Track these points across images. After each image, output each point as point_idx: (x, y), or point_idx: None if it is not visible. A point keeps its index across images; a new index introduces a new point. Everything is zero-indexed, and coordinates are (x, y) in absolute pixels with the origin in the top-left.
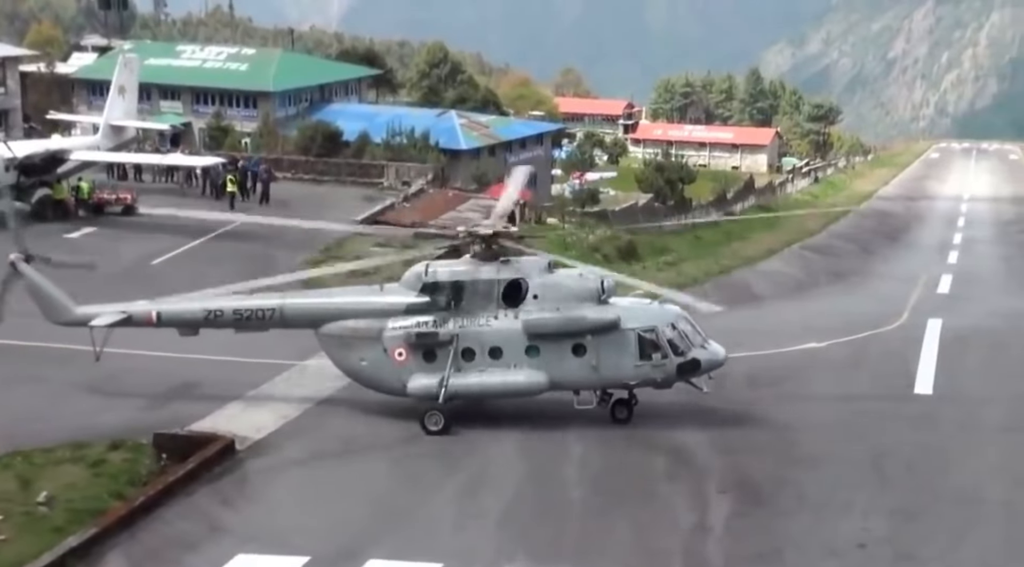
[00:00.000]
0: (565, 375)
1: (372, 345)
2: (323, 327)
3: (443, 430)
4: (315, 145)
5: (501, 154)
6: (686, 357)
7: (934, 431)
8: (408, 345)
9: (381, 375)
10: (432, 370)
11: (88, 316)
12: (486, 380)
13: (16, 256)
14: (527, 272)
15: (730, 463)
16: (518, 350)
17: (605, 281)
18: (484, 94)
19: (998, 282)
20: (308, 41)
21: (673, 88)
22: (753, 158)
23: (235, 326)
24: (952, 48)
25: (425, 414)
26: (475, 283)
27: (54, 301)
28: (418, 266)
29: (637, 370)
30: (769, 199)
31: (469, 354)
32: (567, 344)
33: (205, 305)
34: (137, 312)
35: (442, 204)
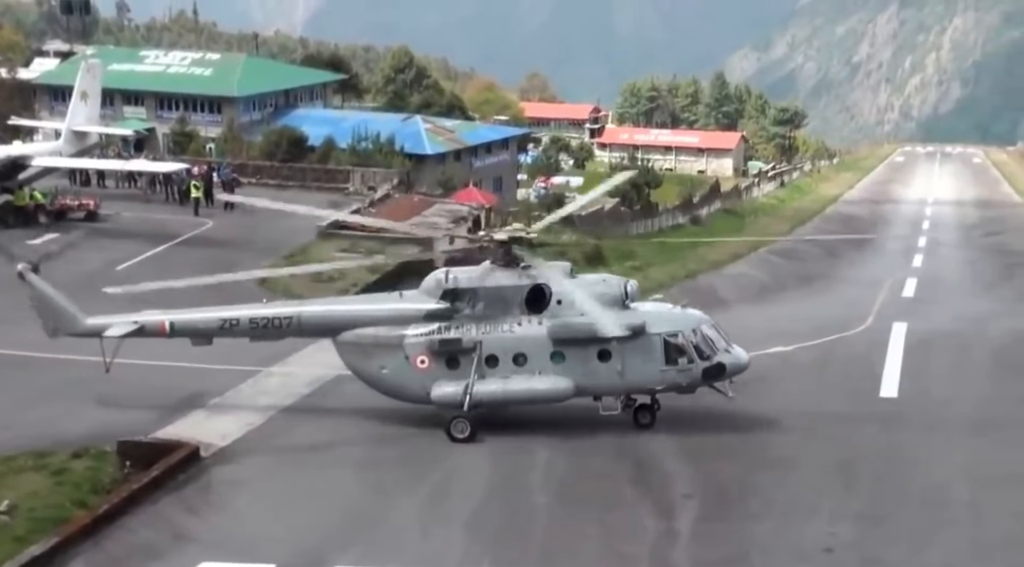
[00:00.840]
0: (591, 381)
1: (393, 352)
2: (341, 335)
3: (469, 438)
4: (280, 150)
5: (467, 159)
6: (711, 361)
7: (900, 434)
8: (431, 352)
9: (403, 383)
10: (455, 377)
11: (98, 327)
12: (511, 387)
13: (24, 266)
14: (550, 277)
15: (697, 467)
16: (543, 356)
17: (628, 285)
18: (449, 99)
19: (962, 285)
20: (273, 46)
21: (639, 92)
22: (719, 162)
23: (251, 335)
24: (916, 52)
25: (451, 422)
26: (498, 289)
27: (63, 312)
28: (438, 272)
29: (663, 375)
30: (735, 203)
31: (493, 361)
32: (593, 350)
33: (220, 314)
34: (149, 322)
35: (408, 209)
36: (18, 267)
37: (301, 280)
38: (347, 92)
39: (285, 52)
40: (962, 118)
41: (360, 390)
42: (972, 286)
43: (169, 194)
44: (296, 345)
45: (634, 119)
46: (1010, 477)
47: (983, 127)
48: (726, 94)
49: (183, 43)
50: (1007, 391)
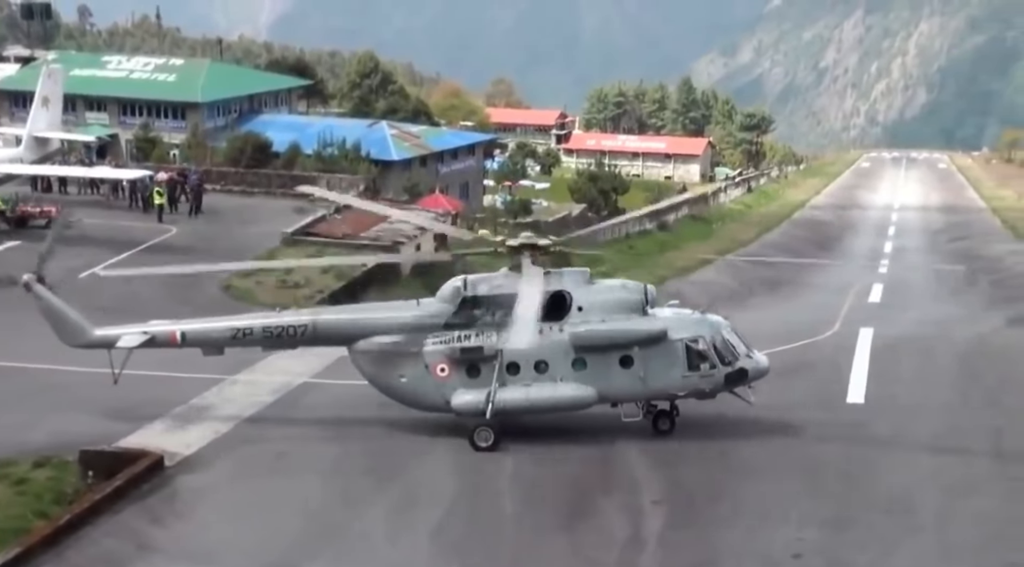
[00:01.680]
0: (613, 388)
1: (412, 361)
2: (357, 344)
3: (493, 446)
4: (245, 156)
5: (433, 165)
6: (733, 366)
7: (867, 440)
8: (451, 360)
9: (422, 391)
10: (476, 385)
11: (107, 338)
12: (534, 394)
13: (30, 276)
14: (570, 284)
15: (665, 474)
16: (564, 363)
17: (648, 291)
18: (415, 104)
19: (928, 291)
20: (237, 51)
21: (606, 98)
22: (686, 168)
23: (264, 344)
24: (881, 57)
25: (474, 430)
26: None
27: (71, 323)
28: (455, 280)
29: (685, 381)
30: (702, 209)
31: (514, 368)
32: (614, 356)
33: (233, 324)
34: (160, 332)
35: (374, 216)
36: (23, 278)
37: (266, 287)
38: (312, 97)
39: (249, 57)
40: (928, 123)
41: (326, 398)
42: (937, 291)
43: (132, 201)
44: (260, 353)
45: (601, 125)
46: (976, 483)
47: (948, 132)
48: (693, 99)
49: (146, 48)
50: (972, 396)
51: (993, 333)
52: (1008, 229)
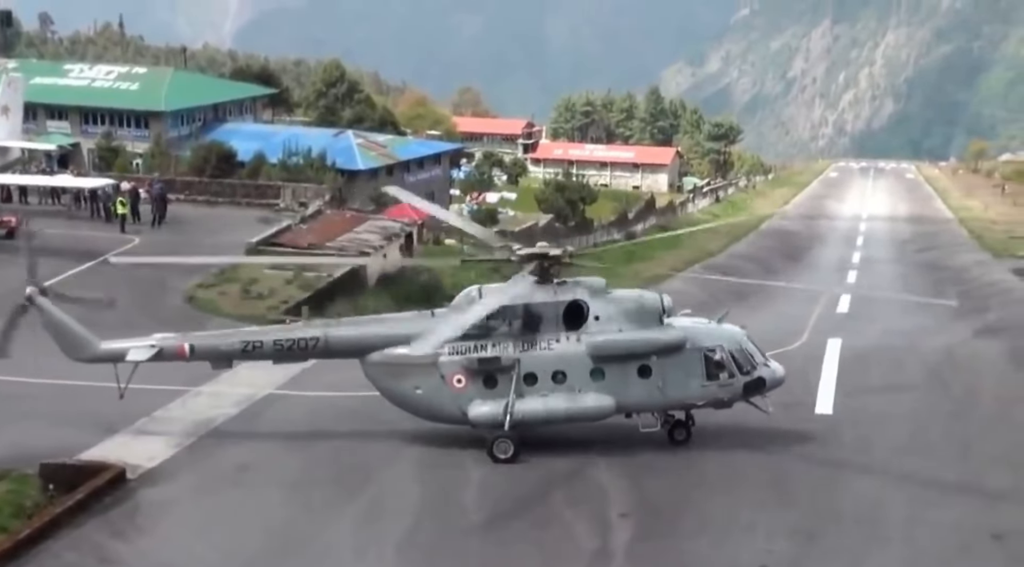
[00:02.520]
0: (631, 398)
1: (427, 372)
2: (370, 356)
3: (512, 458)
4: (209, 166)
5: (399, 174)
6: (752, 376)
7: (835, 450)
8: (468, 371)
9: (438, 403)
10: (493, 396)
11: (113, 352)
12: (552, 405)
13: (32, 290)
14: (586, 293)
15: (632, 486)
16: (582, 373)
17: (665, 300)
18: (381, 113)
19: (896, 301)
20: (201, 59)
21: (573, 107)
22: (654, 178)
23: (274, 357)
24: (849, 67)
25: (494, 442)
26: (534, 306)
27: (76, 337)
28: (470, 290)
29: (704, 390)
30: (670, 219)
31: (531, 379)
32: (633, 366)
33: (243, 337)
34: (168, 345)
35: (340, 225)
36: (27, 291)
37: (230, 298)
38: (278, 106)
39: (214, 66)
40: (895, 133)
41: (291, 409)
42: (905, 302)
43: (94, 211)
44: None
45: (568, 134)
46: (943, 493)
47: (915, 142)
48: (661, 109)
49: (109, 57)
50: (940, 407)
51: (960, 344)
52: (975, 239)
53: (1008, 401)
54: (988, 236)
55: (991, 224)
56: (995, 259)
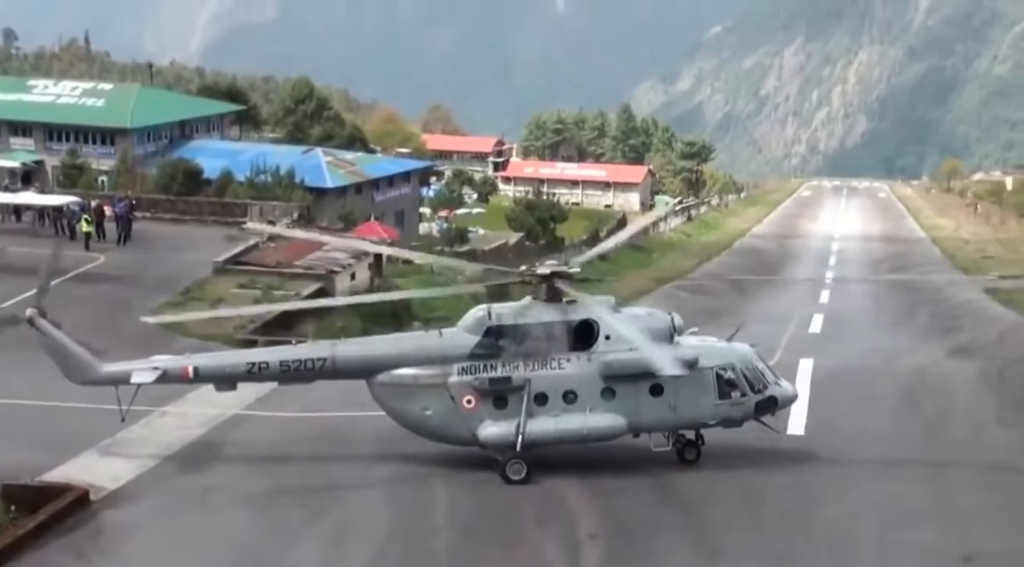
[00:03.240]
0: (643, 417)
1: (437, 393)
2: (378, 376)
3: (525, 479)
4: (175, 183)
5: (368, 192)
6: (763, 394)
7: (806, 472)
8: (478, 392)
9: (448, 424)
10: (504, 417)
11: (116, 374)
12: (564, 425)
13: (33, 312)
14: (596, 312)
15: (602, 506)
16: (593, 393)
17: (675, 319)
18: (351, 131)
19: (868, 321)
20: (168, 76)
21: (544, 125)
22: (626, 196)
23: (280, 379)
24: (822, 85)
25: (506, 463)
26: (544, 325)
27: (78, 359)
28: (478, 310)
29: (716, 409)
30: (642, 238)
31: (542, 399)
32: (644, 385)
33: (248, 358)
34: (171, 368)
35: (308, 244)
36: (27, 312)
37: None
38: (246, 123)
39: (181, 82)
40: (868, 152)
41: (258, 430)
42: (877, 322)
43: (58, 229)
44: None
45: (539, 152)
46: (916, 514)
47: (889, 161)
48: (633, 127)
49: (74, 73)
50: (912, 428)
51: (933, 364)
52: (947, 259)
53: (980, 422)
54: (961, 256)
55: (964, 243)
56: (967, 278)
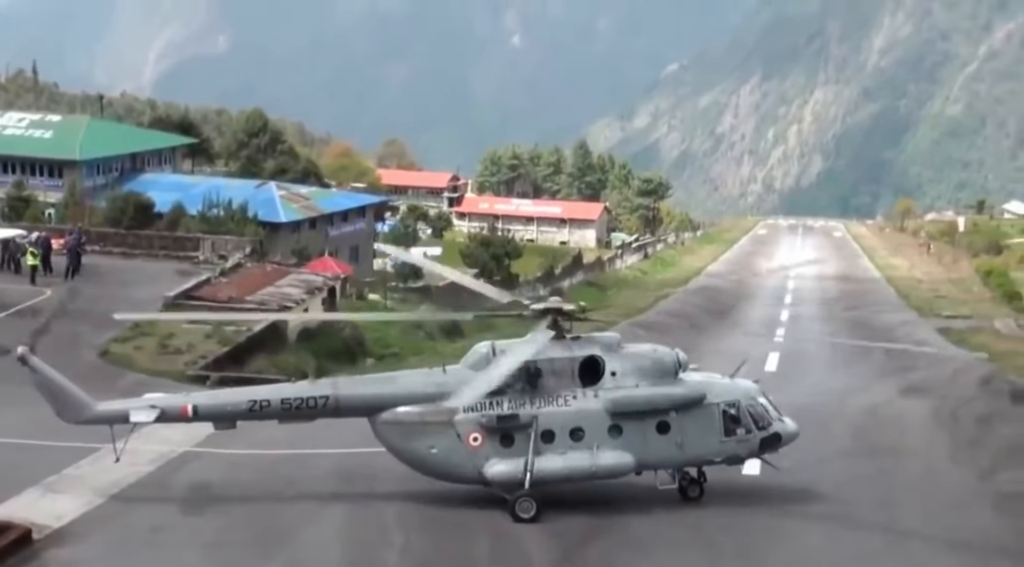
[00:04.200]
0: (650, 454)
1: (443, 431)
2: (381, 415)
3: (535, 517)
4: (126, 217)
5: (322, 227)
6: (768, 431)
7: (762, 512)
8: (485, 429)
9: (454, 462)
10: (510, 455)
11: (112, 414)
12: (572, 463)
13: (25, 349)
14: (602, 348)
15: (557, 547)
16: (600, 430)
17: (680, 355)
18: (305, 165)
19: (823, 360)
20: (119, 108)
21: (500, 160)
22: (581, 233)
23: (281, 417)
24: (778, 124)
25: (516, 501)
26: (550, 362)
27: (71, 398)
28: (482, 346)
29: (722, 446)
30: (598, 275)
31: (549, 436)
32: (651, 422)
33: (249, 396)
34: (169, 406)
35: (261, 279)
36: (19, 350)
37: (146, 353)
38: (198, 156)
39: (132, 114)
40: (824, 191)
41: (208, 467)
42: (832, 360)
43: (4, 262)
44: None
45: (495, 188)
46: (869, 556)
47: (844, 200)
48: (589, 164)
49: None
50: (864, 469)
51: (886, 403)
52: (901, 298)
53: (932, 461)
54: (914, 295)
55: (917, 283)
56: (921, 318)
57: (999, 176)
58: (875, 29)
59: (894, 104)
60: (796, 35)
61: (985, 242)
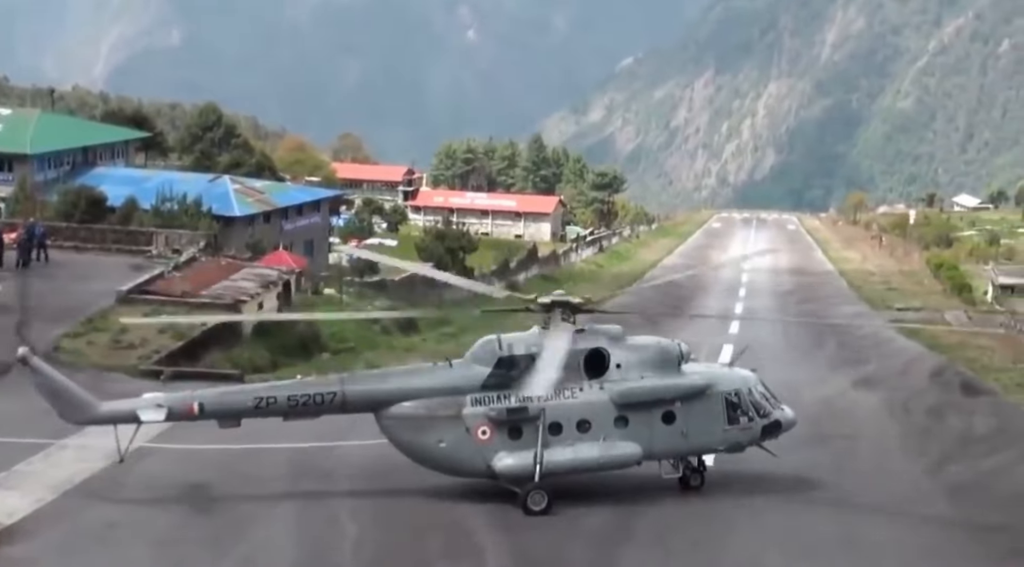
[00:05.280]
0: (656, 444)
1: (451, 425)
2: (389, 409)
3: (546, 509)
4: (78, 211)
5: (277, 221)
6: (769, 418)
7: (716, 504)
8: (494, 422)
9: (462, 456)
10: (519, 447)
11: (117, 413)
12: (581, 454)
13: (25, 350)
14: (606, 341)
15: (510, 540)
16: (607, 421)
17: (682, 347)
18: (259, 159)
19: (777, 353)
20: (71, 102)
21: (455, 154)
22: (537, 226)
23: (288, 413)
24: (732, 118)
25: (528, 494)
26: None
27: (75, 398)
28: (488, 340)
29: (726, 435)
30: (553, 269)
31: (556, 428)
32: (657, 412)
33: (256, 393)
34: (176, 404)
35: (215, 273)
36: (20, 351)
37: (98, 348)
38: (151, 150)
39: (84, 108)
40: (777, 184)
41: (162, 463)
42: (786, 353)
43: None
44: None
45: (449, 182)
46: (822, 546)
47: (797, 193)
48: (544, 157)
49: None
50: (819, 460)
51: (839, 395)
52: (854, 291)
53: (885, 452)
54: (867, 287)
55: (869, 275)
56: (873, 310)
57: (949, 170)
58: (827, 23)
59: (846, 98)
60: (749, 29)
61: (935, 235)
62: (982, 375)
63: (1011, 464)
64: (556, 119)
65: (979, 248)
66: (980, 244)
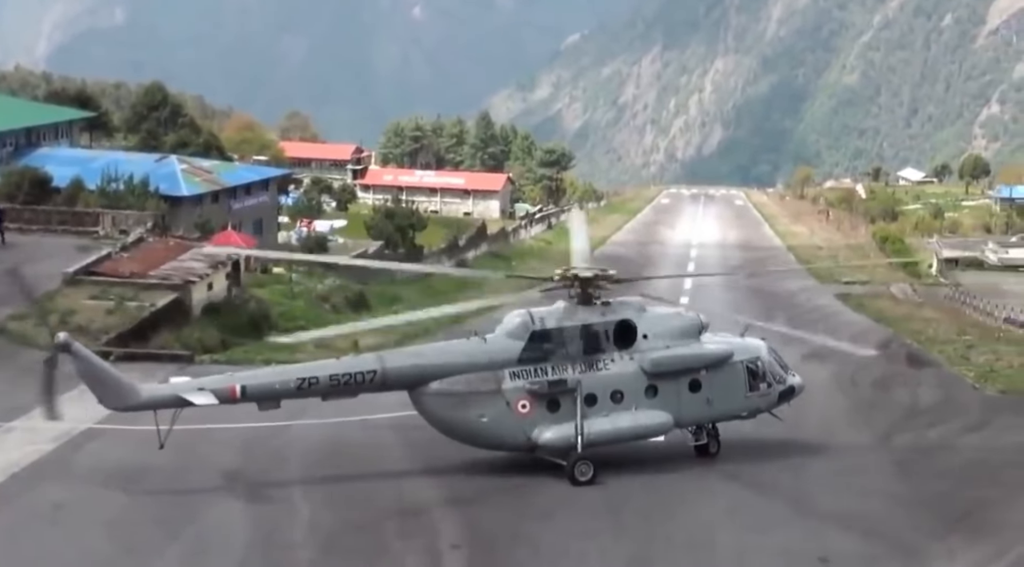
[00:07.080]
0: (684, 412)
1: (492, 399)
2: (427, 386)
3: (592, 479)
4: (21, 192)
5: (225, 201)
6: (785, 384)
7: (667, 478)
8: (534, 396)
9: (504, 430)
10: (557, 420)
11: (159, 398)
12: (619, 424)
13: (66, 336)
14: (632, 313)
15: (464, 517)
16: (638, 391)
17: (702, 318)
18: (206, 138)
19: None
20: (12, 82)
21: (403, 132)
22: (485, 204)
23: (327, 393)
24: (679, 94)
25: (574, 465)
26: (587, 327)
27: (116, 384)
28: (518, 314)
29: (747, 401)
30: (502, 246)
31: (591, 400)
32: (684, 381)
33: (297, 374)
34: (218, 388)
35: (163, 253)
36: (60, 337)
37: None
38: (97, 131)
39: (27, 89)
40: (725, 160)
41: (111, 445)
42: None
43: None
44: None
45: (398, 160)
46: (773, 518)
47: (744, 169)
48: (492, 134)
49: None
50: (769, 434)
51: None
52: (802, 265)
53: (833, 425)
54: (815, 262)
55: (817, 250)
56: (821, 284)
57: (893, 144)
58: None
59: (792, 73)
60: (696, 5)
61: (881, 209)
62: (927, 347)
63: (955, 435)
64: (503, 96)
65: (924, 221)
66: (925, 217)
